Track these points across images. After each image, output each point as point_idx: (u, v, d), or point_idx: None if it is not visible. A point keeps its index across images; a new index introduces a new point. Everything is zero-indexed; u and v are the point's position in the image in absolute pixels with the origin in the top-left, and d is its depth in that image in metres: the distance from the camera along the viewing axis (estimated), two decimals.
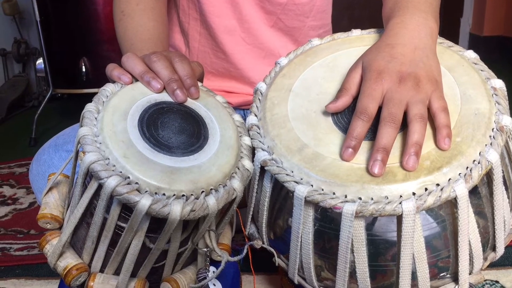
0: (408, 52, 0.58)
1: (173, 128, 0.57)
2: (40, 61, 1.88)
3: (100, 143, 0.53)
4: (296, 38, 0.91)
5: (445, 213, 0.56)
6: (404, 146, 0.53)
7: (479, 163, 0.53)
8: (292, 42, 0.91)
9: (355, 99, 0.59)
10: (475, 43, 2.46)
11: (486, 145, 0.54)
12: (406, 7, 0.64)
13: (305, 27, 0.91)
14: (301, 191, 0.54)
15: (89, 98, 0.59)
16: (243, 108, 0.93)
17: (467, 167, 0.53)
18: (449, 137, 0.54)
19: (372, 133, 0.56)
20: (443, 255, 0.57)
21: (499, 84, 0.60)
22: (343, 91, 0.60)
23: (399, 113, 0.54)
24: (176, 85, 0.60)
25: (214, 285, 0.60)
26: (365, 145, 0.56)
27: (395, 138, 0.54)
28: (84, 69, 1.67)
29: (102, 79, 0.61)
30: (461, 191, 0.51)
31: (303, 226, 0.57)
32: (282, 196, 0.63)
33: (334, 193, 0.53)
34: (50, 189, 0.63)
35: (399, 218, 0.52)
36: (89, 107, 0.57)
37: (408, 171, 0.52)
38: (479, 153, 0.53)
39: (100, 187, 0.52)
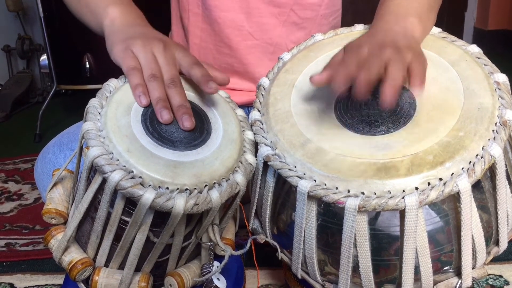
0: (390, 35, 0.61)
1: (176, 122, 0.57)
2: (44, 57, 1.88)
3: (104, 137, 0.53)
4: (310, 30, 0.89)
5: (448, 208, 0.56)
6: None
7: (482, 157, 0.53)
8: (304, 35, 0.88)
9: (350, 96, 0.59)
10: (479, 37, 2.44)
11: (489, 139, 0.54)
12: (387, 6, 0.66)
13: (318, 16, 0.89)
14: (304, 186, 0.55)
15: (93, 94, 0.59)
16: (247, 106, 0.93)
17: (470, 162, 0.53)
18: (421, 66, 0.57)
19: (367, 126, 0.57)
20: (446, 250, 0.57)
21: (503, 78, 0.60)
22: (329, 66, 0.60)
23: (376, 63, 0.55)
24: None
25: (218, 279, 0.60)
26: (365, 140, 0.56)
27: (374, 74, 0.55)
28: (88, 65, 1.68)
29: (105, 75, 0.61)
30: (464, 185, 0.51)
31: (306, 221, 0.57)
32: (285, 191, 0.63)
33: (337, 188, 0.53)
34: (55, 184, 0.63)
35: (402, 213, 0.52)
36: (93, 102, 0.57)
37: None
38: (482, 148, 0.53)
39: (104, 181, 0.52)
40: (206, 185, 0.53)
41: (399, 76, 0.54)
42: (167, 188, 0.51)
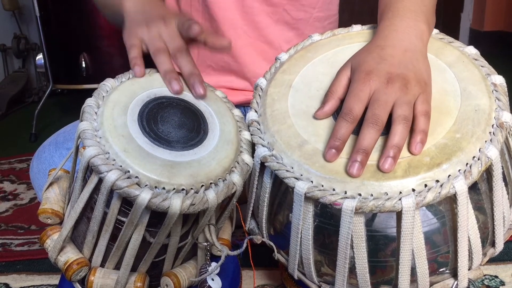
0: (398, 54, 0.58)
1: (172, 122, 0.57)
2: (40, 56, 1.87)
3: (100, 137, 0.53)
4: (303, 31, 0.90)
5: (444, 209, 0.56)
6: (385, 147, 0.53)
7: (478, 159, 0.53)
8: (296, 35, 0.90)
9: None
10: (475, 38, 2.45)
11: (486, 141, 0.54)
12: (396, 8, 0.63)
13: (311, 18, 0.89)
14: (301, 187, 0.54)
15: (89, 93, 0.59)
16: (243, 105, 0.93)
17: (467, 164, 0.53)
18: (422, 142, 0.53)
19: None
20: (443, 251, 0.57)
21: (499, 80, 0.60)
22: (329, 94, 0.60)
23: (383, 114, 0.54)
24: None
25: (213, 279, 0.60)
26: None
27: (376, 139, 0.54)
28: (84, 65, 1.67)
29: (102, 75, 0.61)
30: (461, 187, 0.51)
31: (303, 222, 0.57)
32: (281, 192, 0.63)
33: (334, 189, 0.53)
34: (51, 184, 0.63)
35: (399, 214, 0.52)
36: (89, 101, 0.57)
37: (384, 173, 0.52)
38: (479, 150, 0.53)
39: (100, 181, 0.52)
40: (202, 185, 0.53)
41: (401, 140, 0.53)
42: (164, 188, 0.51)
